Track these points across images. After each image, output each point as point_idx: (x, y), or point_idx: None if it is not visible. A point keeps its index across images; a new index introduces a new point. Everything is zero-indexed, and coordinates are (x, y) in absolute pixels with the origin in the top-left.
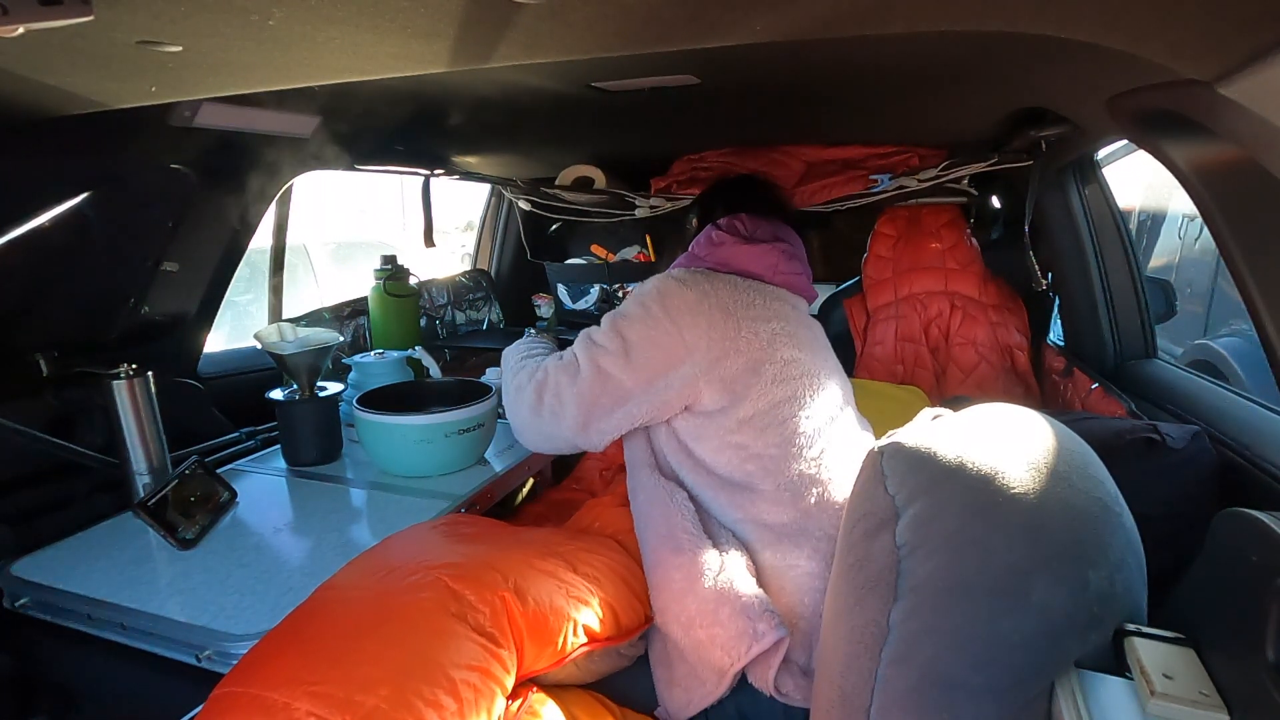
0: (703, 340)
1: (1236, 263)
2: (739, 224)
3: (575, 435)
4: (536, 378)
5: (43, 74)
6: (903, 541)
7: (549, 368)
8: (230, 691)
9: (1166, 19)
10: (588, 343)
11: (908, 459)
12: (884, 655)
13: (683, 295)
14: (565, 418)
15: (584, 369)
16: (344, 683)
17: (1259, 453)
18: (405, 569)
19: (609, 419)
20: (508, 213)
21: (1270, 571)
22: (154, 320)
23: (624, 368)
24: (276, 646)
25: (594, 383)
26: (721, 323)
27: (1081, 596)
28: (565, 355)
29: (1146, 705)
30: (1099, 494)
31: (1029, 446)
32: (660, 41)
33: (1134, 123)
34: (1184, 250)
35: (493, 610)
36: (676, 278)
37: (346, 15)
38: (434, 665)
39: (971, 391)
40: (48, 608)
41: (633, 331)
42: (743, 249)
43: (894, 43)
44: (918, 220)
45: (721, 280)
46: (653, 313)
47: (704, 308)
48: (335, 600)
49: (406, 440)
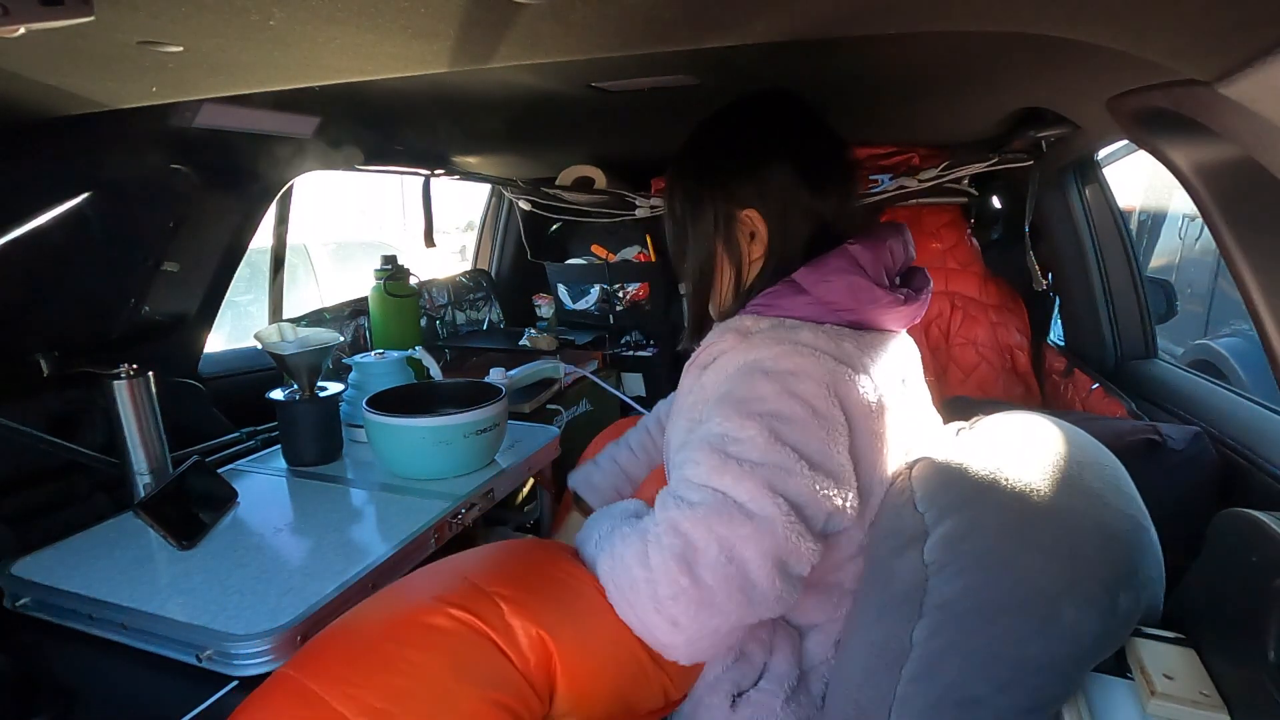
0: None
1: (1236, 263)
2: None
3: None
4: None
5: (43, 74)
6: (931, 560)
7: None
8: (286, 674)
9: (1166, 19)
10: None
11: (938, 476)
12: (904, 672)
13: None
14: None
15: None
16: (381, 691)
17: (1259, 453)
18: (462, 585)
19: None
20: (508, 213)
21: (1270, 571)
22: (154, 320)
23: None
24: (333, 639)
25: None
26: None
27: (1111, 619)
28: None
29: (1147, 705)
30: (1131, 511)
31: (1061, 462)
32: (660, 42)
33: (1134, 123)
34: (1184, 250)
35: (538, 657)
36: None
37: (347, 15)
38: (470, 690)
39: (972, 392)
40: (48, 608)
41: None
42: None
43: (894, 43)
44: (918, 220)
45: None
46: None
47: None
48: (394, 602)
49: (424, 442)
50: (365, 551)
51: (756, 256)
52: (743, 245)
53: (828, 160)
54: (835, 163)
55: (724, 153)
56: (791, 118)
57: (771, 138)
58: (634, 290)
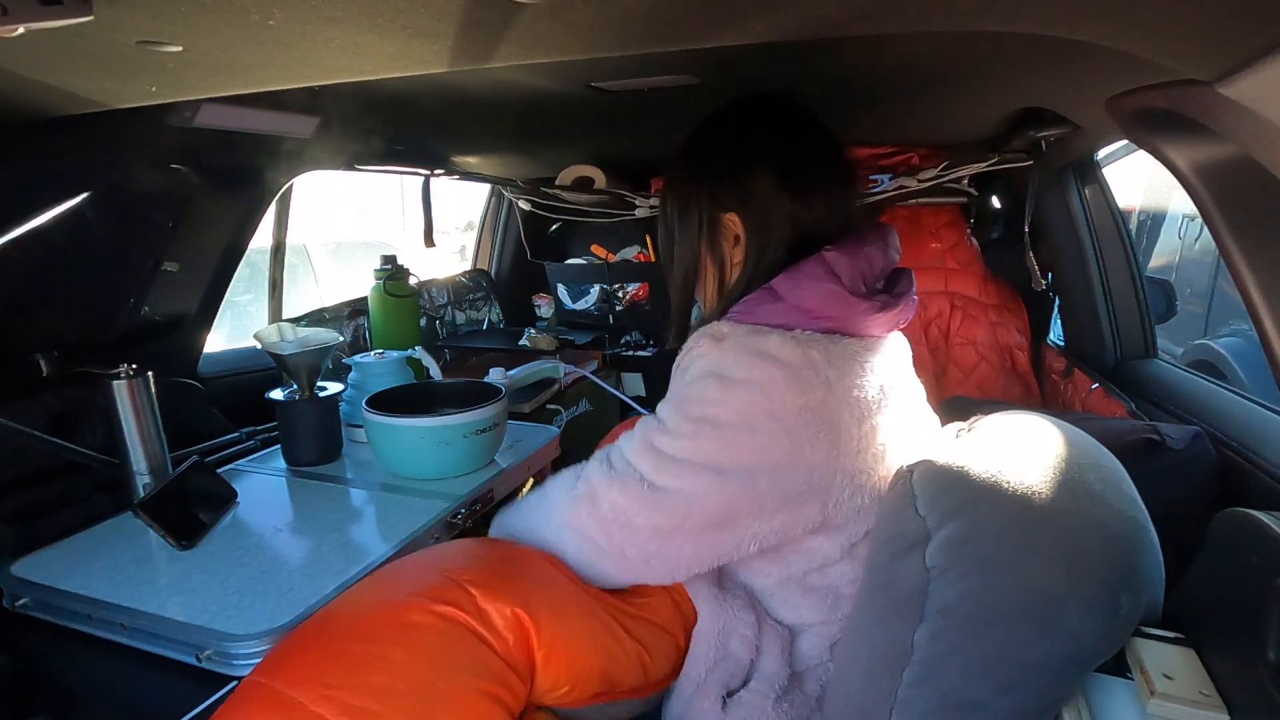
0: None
1: (1236, 263)
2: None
3: None
4: None
5: (43, 74)
6: (933, 564)
7: None
8: (257, 681)
9: (1166, 19)
10: None
11: (939, 480)
12: (905, 676)
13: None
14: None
15: None
16: (360, 690)
17: (1259, 453)
18: (435, 576)
19: None
20: (508, 213)
21: (1270, 571)
22: (154, 320)
23: None
24: (304, 642)
25: None
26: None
27: (1113, 620)
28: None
29: (1146, 705)
30: (1133, 512)
31: (1062, 464)
32: (660, 41)
33: (1134, 123)
34: (1184, 250)
35: (516, 636)
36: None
37: (347, 15)
38: (452, 682)
39: (971, 392)
40: (48, 608)
41: None
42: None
43: (894, 43)
44: (918, 220)
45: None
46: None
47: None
48: (365, 601)
49: (423, 442)
50: (365, 551)
51: (738, 261)
52: (725, 249)
53: (816, 164)
54: (825, 166)
55: (711, 157)
56: (780, 122)
57: (757, 143)
58: (634, 290)
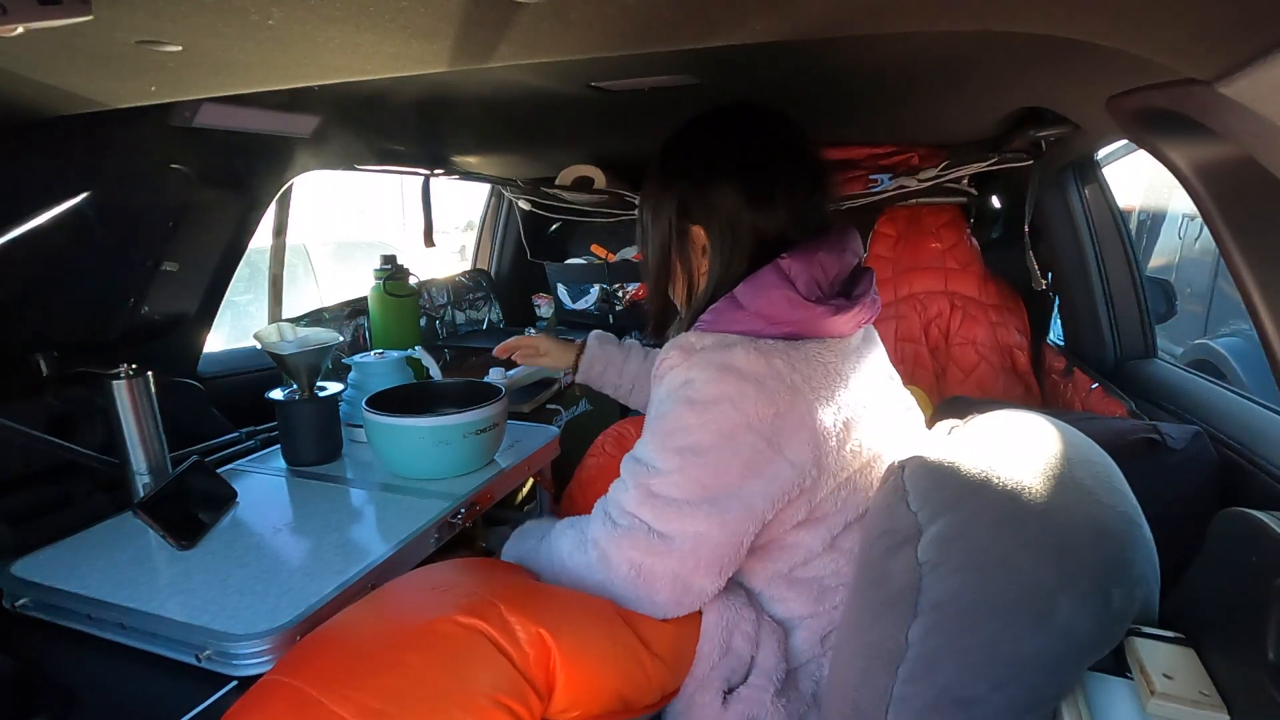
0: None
1: (1236, 263)
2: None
3: None
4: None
5: (42, 74)
6: (925, 559)
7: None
8: (278, 680)
9: (1166, 19)
10: None
11: (930, 475)
12: (900, 673)
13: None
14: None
15: None
16: (379, 693)
17: (1259, 453)
18: (462, 589)
19: None
20: (508, 213)
21: (1270, 571)
22: (154, 320)
23: None
24: (327, 643)
25: None
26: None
27: (1105, 615)
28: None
29: (1146, 705)
30: (1124, 508)
31: (1053, 460)
32: (660, 41)
33: (1134, 123)
34: (1184, 250)
35: (537, 653)
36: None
37: (346, 15)
38: (468, 689)
39: (972, 392)
40: (48, 608)
41: None
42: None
43: (894, 43)
44: (918, 220)
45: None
46: None
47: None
48: (390, 605)
49: (423, 442)
50: (365, 551)
51: (704, 271)
52: (694, 259)
53: (781, 174)
54: (791, 174)
55: (680, 168)
56: (746, 134)
57: (721, 159)
58: (634, 290)
